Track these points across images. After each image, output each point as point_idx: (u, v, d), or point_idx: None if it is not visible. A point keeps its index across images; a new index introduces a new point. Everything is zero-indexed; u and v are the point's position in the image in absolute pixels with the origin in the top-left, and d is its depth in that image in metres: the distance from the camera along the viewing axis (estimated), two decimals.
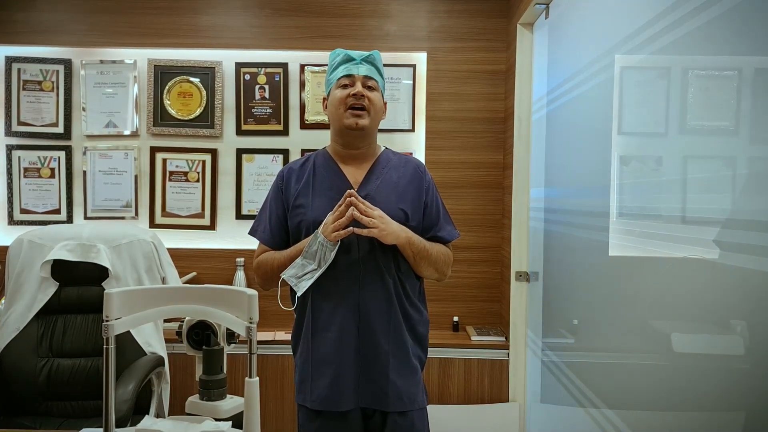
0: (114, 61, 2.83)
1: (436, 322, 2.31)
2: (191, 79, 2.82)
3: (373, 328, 1.46)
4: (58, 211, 2.85)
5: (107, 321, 1.01)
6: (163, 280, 2.22)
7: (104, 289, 1.60)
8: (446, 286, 2.65)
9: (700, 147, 1.18)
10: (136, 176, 2.84)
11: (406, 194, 1.54)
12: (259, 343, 2.52)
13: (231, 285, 2.61)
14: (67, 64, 2.82)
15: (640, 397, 1.37)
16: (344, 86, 1.51)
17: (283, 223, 1.56)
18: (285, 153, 2.83)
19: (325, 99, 1.60)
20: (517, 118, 2.54)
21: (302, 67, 2.81)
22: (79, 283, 2.12)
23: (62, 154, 2.84)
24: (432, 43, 2.79)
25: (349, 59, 1.52)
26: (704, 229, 1.11)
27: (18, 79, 2.83)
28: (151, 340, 2.14)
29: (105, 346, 1.01)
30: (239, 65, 2.82)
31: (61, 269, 2.10)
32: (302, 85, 2.82)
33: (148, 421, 1.19)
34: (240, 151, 2.83)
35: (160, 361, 2.08)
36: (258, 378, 1.02)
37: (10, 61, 2.82)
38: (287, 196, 1.55)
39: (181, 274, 2.60)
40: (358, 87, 1.49)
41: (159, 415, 2.12)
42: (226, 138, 2.85)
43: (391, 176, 1.55)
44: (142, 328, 2.11)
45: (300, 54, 2.81)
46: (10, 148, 2.83)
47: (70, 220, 2.85)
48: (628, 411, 1.45)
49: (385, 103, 1.60)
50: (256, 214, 1.66)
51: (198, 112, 2.82)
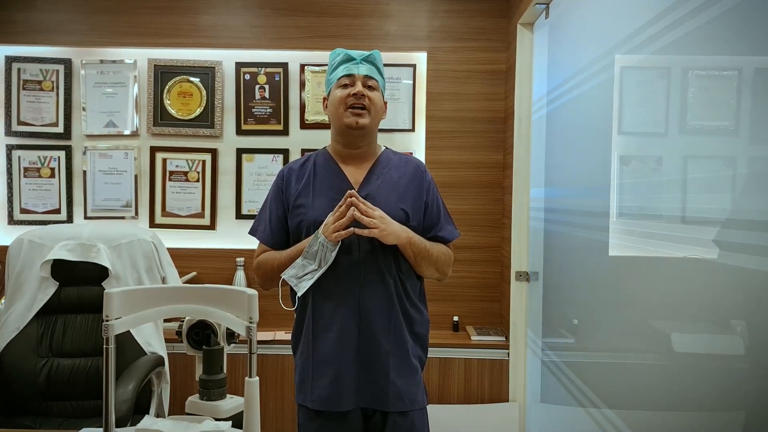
0: (114, 61, 2.83)
1: (436, 322, 2.31)
2: (191, 79, 2.82)
3: (374, 328, 1.46)
4: (58, 211, 2.85)
5: (107, 321, 1.01)
6: (163, 280, 2.22)
7: (104, 289, 1.60)
8: (446, 286, 2.65)
9: (700, 147, 1.18)
10: (136, 176, 2.84)
11: (407, 194, 1.54)
12: (259, 342, 2.52)
13: (231, 285, 2.61)
14: (67, 63, 2.83)
15: (640, 397, 1.37)
16: (344, 86, 1.51)
17: (284, 223, 1.56)
18: (285, 153, 2.83)
19: (325, 99, 1.60)
20: (517, 118, 2.54)
21: (302, 67, 2.81)
22: (79, 283, 2.12)
23: (62, 154, 2.84)
24: (432, 43, 2.79)
25: (349, 59, 1.52)
26: (704, 229, 1.11)
27: (18, 79, 2.83)
28: (151, 340, 2.14)
29: (105, 346, 1.01)
30: (239, 65, 2.82)
31: (61, 269, 2.10)
32: (302, 85, 2.82)
33: (148, 421, 1.19)
34: (240, 151, 2.83)
35: (160, 361, 2.08)
36: (258, 378, 1.02)
37: (10, 60, 2.82)
38: (287, 196, 1.55)
39: (181, 274, 2.60)
40: (359, 86, 1.49)
41: (159, 414, 2.12)
42: (226, 138, 2.85)
43: (392, 176, 1.55)
44: (142, 328, 2.11)
45: (300, 54, 2.81)
46: (10, 148, 2.83)
47: (70, 219, 2.85)
48: (628, 411, 1.44)
49: (386, 103, 1.60)
50: (256, 213, 1.66)
51: (198, 111, 2.82)
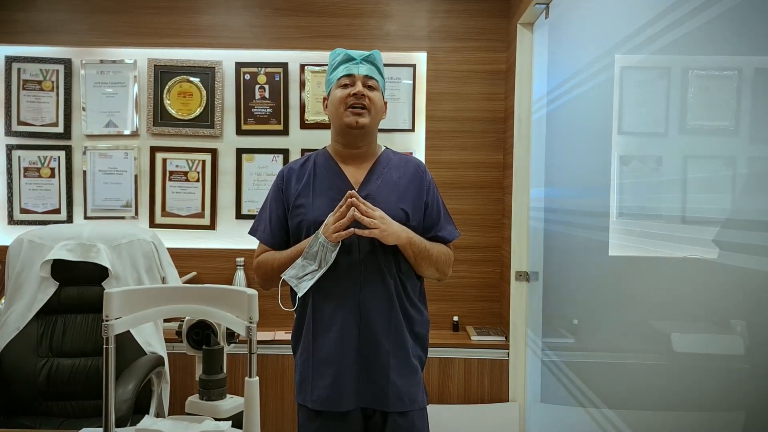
0: (114, 61, 2.83)
1: (436, 322, 2.31)
2: (191, 79, 2.82)
3: (374, 328, 1.46)
4: (58, 211, 2.85)
5: (107, 321, 1.01)
6: (163, 280, 2.22)
7: (104, 289, 1.60)
8: (446, 286, 2.65)
9: (700, 147, 1.18)
10: (136, 176, 2.84)
11: (407, 194, 1.54)
12: (259, 342, 2.52)
13: (231, 285, 2.61)
14: (67, 63, 2.82)
15: (640, 397, 1.37)
16: (344, 86, 1.51)
17: (284, 223, 1.56)
18: (285, 153, 2.83)
19: (325, 99, 1.60)
20: (517, 117, 2.54)
21: (302, 67, 2.81)
22: (79, 283, 2.12)
23: (62, 154, 2.84)
24: (432, 43, 2.79)
25: (349, 59, 1.52)
26: (704, 229, 1.11)
27: (18, 79, 2.83)
28: (151, 340, 2.14)
29: (105, 346, 1.01)
30: (239, 65, 2.82)
31: (61, 269, 2.10)
32: (302, 85, 2.82)
33: (148, 421, 1.19)
34: (240, 151, 2.83)
35: (160, 361, 2.08)
36: (258, 378, 1.02)
37: (10, 60, 2.82)
38: (287, 196, 1.55)
39: (181, 274, 2.60)
40: (359, 86, 1.49)
41: (159, 414, 2.12)
42: (226, 138, 2.85)
43: (392, 176, 1.55)
44: (142, 328, 2.11)
45: (300, 54, 2.81)
46: (10, 148, 2.83)
47: (70, 219, 2.85)
48: (629, 411, 1.44)
49: (386, 103, 1.60)
50: (256, 214, 1.66)
51: (198, 111, 2.82)
